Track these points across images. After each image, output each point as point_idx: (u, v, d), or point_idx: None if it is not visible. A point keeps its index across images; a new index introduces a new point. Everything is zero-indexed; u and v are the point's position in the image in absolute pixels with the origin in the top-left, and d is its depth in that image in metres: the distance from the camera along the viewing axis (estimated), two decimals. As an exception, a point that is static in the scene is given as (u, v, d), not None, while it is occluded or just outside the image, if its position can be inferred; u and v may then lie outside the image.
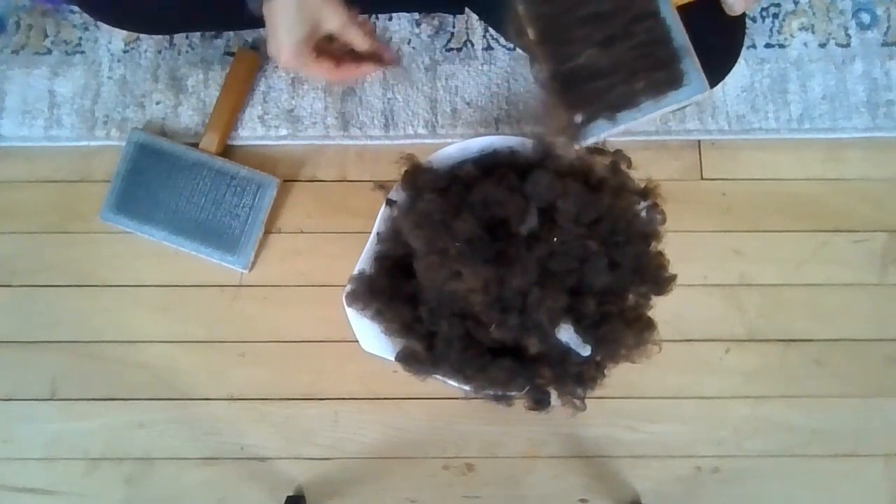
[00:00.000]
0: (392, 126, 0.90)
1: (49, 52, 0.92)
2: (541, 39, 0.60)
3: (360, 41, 0.67)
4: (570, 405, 0.65)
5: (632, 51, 0.59)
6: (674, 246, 0.67)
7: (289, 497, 0.83)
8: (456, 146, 0.70)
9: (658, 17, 0.59)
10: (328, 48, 0.67)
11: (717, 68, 0.72)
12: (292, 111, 0.91)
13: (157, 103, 0.91)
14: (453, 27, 0.92)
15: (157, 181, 0.87)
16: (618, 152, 0.67)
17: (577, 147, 0.62)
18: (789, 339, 0.87)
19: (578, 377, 0.64)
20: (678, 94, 0.59)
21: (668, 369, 0.86)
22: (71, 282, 0.89)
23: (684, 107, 0.72)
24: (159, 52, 0.92)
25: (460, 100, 0.91)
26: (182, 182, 0.87)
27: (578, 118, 0.60)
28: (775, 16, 0.93)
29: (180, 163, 0.87)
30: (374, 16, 0.92)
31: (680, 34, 0.59)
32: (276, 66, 0.91)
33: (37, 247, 0.89)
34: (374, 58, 0.70)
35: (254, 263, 0.88)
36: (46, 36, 0.92)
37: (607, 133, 0.61)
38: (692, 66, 0.58)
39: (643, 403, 0.86)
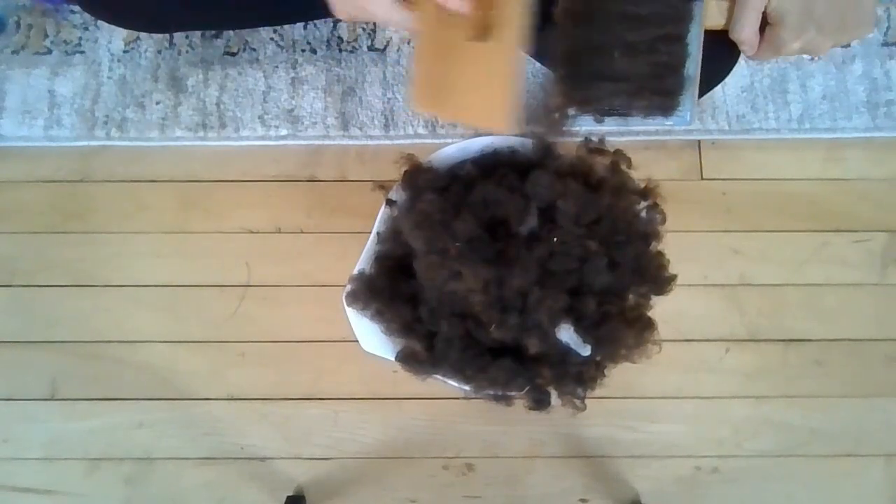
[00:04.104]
0: (392, 126, 0.90)
1: (49, 52, 0.92)
2: (573, 12, 0.59)
3: None
4: (570, 405, 0.65)
5: (649, 67, 0.59)
6: (674, 246, 0.67)
7: (289, 497, 0.83)
8: (456, 146, 0.70)
9: (682, 43, 0.59)
10: None
11: (716, 69, 0.72)
12: (292, 111, 0.91)
13: (157, 103, 0.91)
14: (453, 27, 0.92)
15: None
16: (618, 152, 0.67)
17: (556, 136, 0.63)
18: (789, 339, 0.87)
19: (578, 377, 0.64)
20: (666, 119, 0.61)
21: (668, 369, 0.86)
22: (71, 282, 0.89)
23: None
24: (159, 52, 0.92)
25: (460, 100, 0.91)
26: None
27: (572, 112, 0.61)
28: (775, 16, 0.92)
29: None
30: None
31: (694, 65, 0.60)
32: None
33: (37, 247, 0.89)
34: None
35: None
36: (46, 36, 0.92)
37: (585, 128, 0.62)
38: (690, 100, 0.60)
39: (643, 403, 0.86)
